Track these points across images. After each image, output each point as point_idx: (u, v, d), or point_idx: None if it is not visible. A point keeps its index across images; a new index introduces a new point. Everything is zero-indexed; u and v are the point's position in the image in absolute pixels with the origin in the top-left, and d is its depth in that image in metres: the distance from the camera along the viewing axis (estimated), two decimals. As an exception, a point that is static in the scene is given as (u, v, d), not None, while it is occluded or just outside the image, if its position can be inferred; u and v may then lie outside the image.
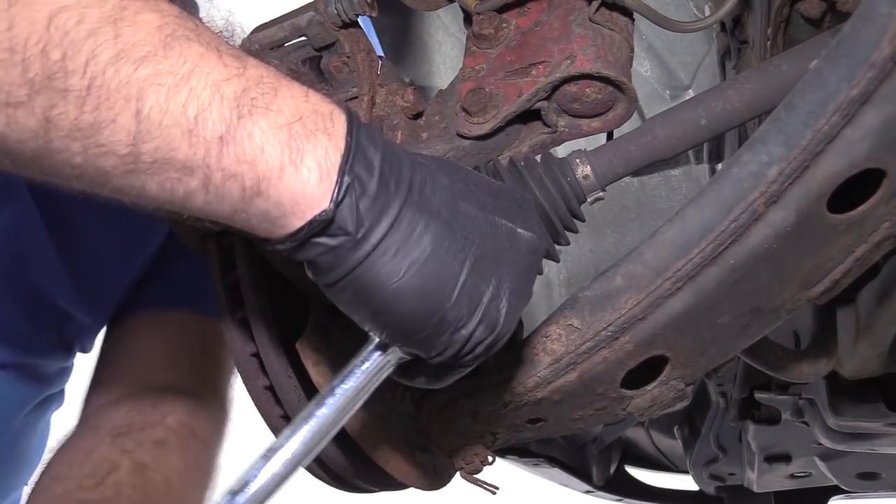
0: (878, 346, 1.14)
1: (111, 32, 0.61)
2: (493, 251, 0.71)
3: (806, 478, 1.69)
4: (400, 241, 0.68)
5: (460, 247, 0.69)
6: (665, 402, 0.88)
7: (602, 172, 0.87)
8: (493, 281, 0.70)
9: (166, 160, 0.64)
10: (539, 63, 0.89)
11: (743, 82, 0.87)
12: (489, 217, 0.72)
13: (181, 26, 0.65)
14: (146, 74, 0.62)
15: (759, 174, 0.76)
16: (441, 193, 0.71)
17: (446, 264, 0.69)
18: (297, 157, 0.66)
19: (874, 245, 0.79)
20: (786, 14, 0.98)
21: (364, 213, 0.67)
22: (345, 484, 0.98)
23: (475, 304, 0.70)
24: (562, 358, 0.83)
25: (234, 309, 0.91)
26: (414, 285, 0.68)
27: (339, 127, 0.69)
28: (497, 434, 0.92)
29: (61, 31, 0.60)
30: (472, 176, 0.75)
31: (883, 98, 0.72)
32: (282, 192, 0.66)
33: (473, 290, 0.70)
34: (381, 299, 0.68)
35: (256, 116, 0.65)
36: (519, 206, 0.76)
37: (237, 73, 0.66)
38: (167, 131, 0.63)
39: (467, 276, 0.69)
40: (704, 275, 0.79)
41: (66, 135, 0.63)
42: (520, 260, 0.73)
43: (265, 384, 0.91)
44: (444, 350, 0.71)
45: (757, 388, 1.43)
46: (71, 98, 0.61)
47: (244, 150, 0.65)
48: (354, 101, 0.98)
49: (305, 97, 0.69)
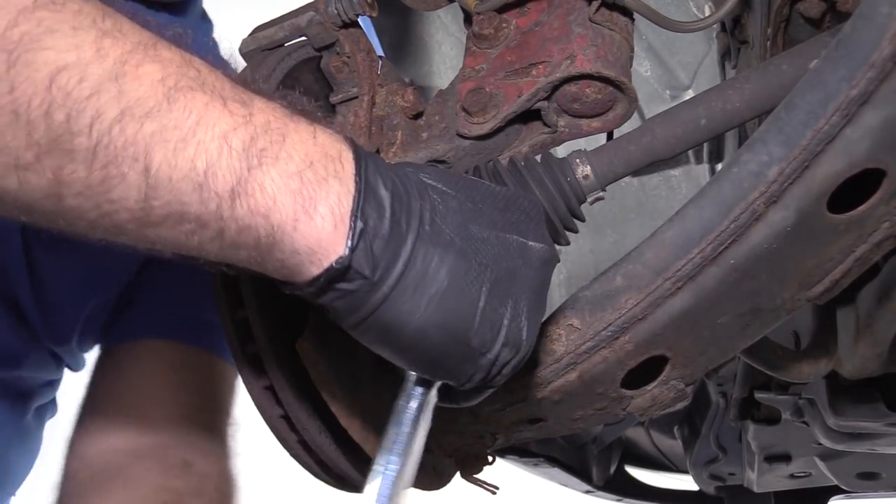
0: (878, 346, 1.14)
1: (114, 90, 0.61)
2: (507, 271, 0.71)
3: (806, 478, 1.69)
4: (417, 277, 0.68)
5: (476, 273, 0.69)
6: (665, 402, 0.88)
7: (602, 172, 0.86)
8: (510, 301, 0.71)
9: (179, 214, 0.64)
10: (539, 63, 0.89)
11: (743, 82, 0.87)
12: (500, 235, 0.72)
13: (184, 76, 0.63)
14: (152, 131, 0.61)
15: (759, 174, 0.76)
16: (452, 219, 0.70)
17: (465, 294, 0.69)
18: (311, 205, 0.65)
19: (874, 245, 0.79)
20: (786, 14, 0.98)
21: (379, 255, 0.67)
22: (345, 484, 0.98)
23: (497, 328, 0.70)
24: (562, 358, 0.83)
25: (234, 309, 0.91)
26: (435, 319, 0.68)
27: (348, 168, 0.68)
28: (497, 434, 0.92)
29: (63, 91, 0.60)
30: (478, 191, 0.75)
31: (883, 98, 0.72)
32: (297, 241, 0.66)
33: (493, 315, 0.70)
34: (404, 337, 0.69)
35: (267, 167, 0.64)
36: (527, 215, 0.76)
37: (244, 122, 0.65)
38: (177, 186, 0.62)
39: (486, 302, 0.70)
40: (704, 275, 0.79)
41: (78, 193, 0.62)
42: (533, 275, 0.73)
43: (265, 384, 0.91)
44: (472, 376, 0.72)
45: (757, 388, 1.43)
46: (79, 158, 0.61)
47: (256, 202, 0.64)
48: (354, 101, 0.98)
49: (313, 138, 0.68)
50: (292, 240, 0.66)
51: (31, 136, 0.60)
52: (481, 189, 0.75)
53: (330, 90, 1.00)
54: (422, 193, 0.71)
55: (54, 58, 0.59)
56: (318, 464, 0.94)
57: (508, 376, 0.73)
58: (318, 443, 0.90)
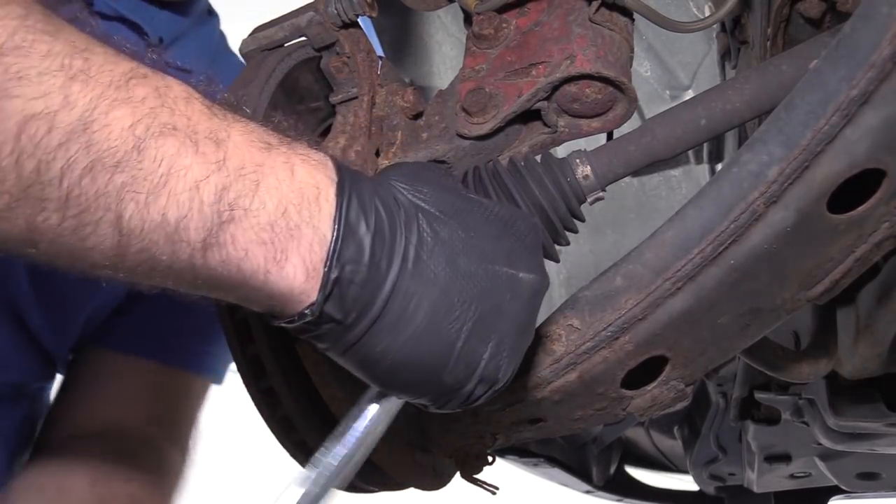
0: (878, 346, 1.14)
1: (83, 140, 0.60)
2: (493, 307, 0.71)
3: (806, 478, 1.69)
4: (394, 318, 0.68)
5: (458, 313, 0.69)
6: (665, 402, 0.87)
7: (602, 172, 0.86)
8: (493, 339, 0.71)
9: (152, 261, 0.64)
10: (539, 63, 0.89)
11: (743, 82, 0.87)
12: (490, 268, 0.71)
13: (155, 119, 0.62)
14: (123, 181, 0.61)
15: (759, 174, 0.76)
16: (439, 252, 0.69)
17: (442, 335, 0.69)
18: (282, 256, 0.65)
19: (874, 245, 0.79)
20: (786, 14, 0.98)
21: (353, 303, 0.67)
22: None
23: (473, 368, 0.70)
24: (562, 358, 0.83)
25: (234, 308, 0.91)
26: (410, 359, 0.69)
27: (326, 209, 0.67)
28: (497, 434, 0.92)
29: (33, 141, 0.59)
30: (474, 214, 0.73)
31: (883, 98, 0.72)
32: (270, 288, 0.66)
33: (471, 355, 0.70)
34: (380, 371, 0.70)
35: (238, 219, 0.64)
36: (522, 242, 0.74)
37: (216, 168, 0.63)
38: (149, 237, 0.62)
39: (464, 343, 0.70)
40: (704, 275, 0.79)
41: (52, 239, 0.62)
42: (520, 308, 0.72)
43: (265, 384, 0.91)
44: (446, 404, 0.73)
45: (757, 388, 1.43)
46: (51, 207, 0.60)
47: (228, 254, 0.64)
48: (354, 101, 0.98)
49: (291, 177, 0.66)
50: (265, 286, 0.66)
51: (3, 185, 0.59)
52: (477, 212, 0.73)
53: (330, 90, 1.00)
54: (409, 223, 0.69)
55: (22, 106, 0.59)
56: (318, 464, 0.94)
57: (485, 402, 0.74)
58: (317, 443, 0.90)
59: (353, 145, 0.94)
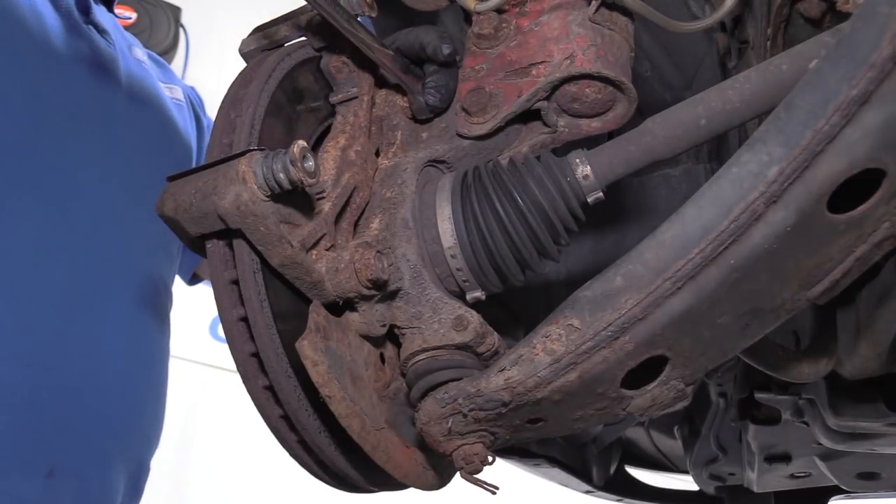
0: (878, 346, 1.14)
1: None
2: None
3: (806, 478, 1.69)
4: None
5: None
6: (665, 402, 0.87)
7: (602, 172, 0.86)
8: None
9: None
10: (539, 63, 0.89)
11: (743, 82, 0.87)
12: None
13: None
14: None
15: (759, 174, 0.76)
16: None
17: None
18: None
19: (874, 245, 0.79)
20: (786, 14, 0.98)
21: None
22: (344, 484, 0.98)
23: None
24: (562, 358, 0.83)
25: (234, 307, 0.91)
26: None
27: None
28: (497, 434, 0.92)
29: None
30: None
31: (883, 98, 0.72)
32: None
33: None
34: None
35: None
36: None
37: None
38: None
39: None
40: (704, 275, 0.79)
41: None
42: None
43: (265, 384, 0.91)
44: None
45: (757, 388, 1.43)
46: None
47: None
48: (354, 101, 0.98)
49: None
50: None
51: None
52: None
53: (330, 90, 1.00)
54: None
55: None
56: (318, 464, 0.94)
57: None
58: (317, 443, 0.90)
59: (353, 145, 0.94)
